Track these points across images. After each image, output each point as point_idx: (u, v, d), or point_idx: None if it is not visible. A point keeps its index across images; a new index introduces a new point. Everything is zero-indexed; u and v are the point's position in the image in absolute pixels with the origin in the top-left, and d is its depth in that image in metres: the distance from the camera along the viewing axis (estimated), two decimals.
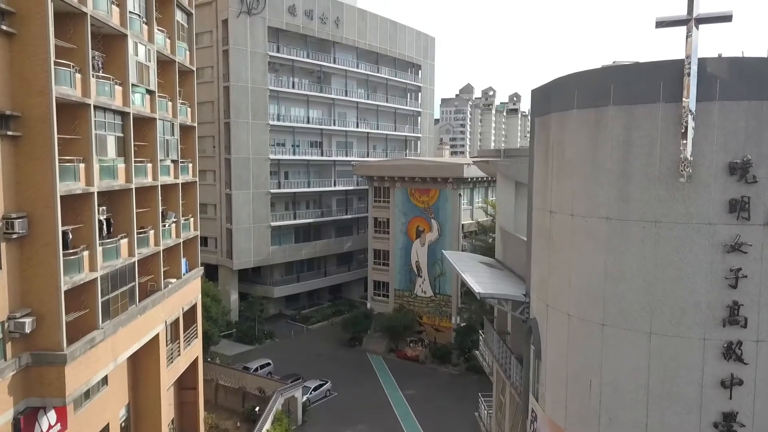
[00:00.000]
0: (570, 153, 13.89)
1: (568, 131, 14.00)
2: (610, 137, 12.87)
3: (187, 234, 30.69)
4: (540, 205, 15.65)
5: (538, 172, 15.93)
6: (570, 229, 13.93)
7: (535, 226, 16.19)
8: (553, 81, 14.87)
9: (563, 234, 14.21)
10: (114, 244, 21.95)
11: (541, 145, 15.57)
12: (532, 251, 16.58)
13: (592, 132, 13.25)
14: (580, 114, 13.60)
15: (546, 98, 15.24)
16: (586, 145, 13.43)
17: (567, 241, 14.06)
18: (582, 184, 13.54)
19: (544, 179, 15.27)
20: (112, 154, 22.20)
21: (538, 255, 15.95)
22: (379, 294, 55.93)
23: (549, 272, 14.97)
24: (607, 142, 12.95)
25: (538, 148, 15.88)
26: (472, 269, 20.66)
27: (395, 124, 73.86)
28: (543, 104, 15.45)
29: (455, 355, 49.55)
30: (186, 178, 30.43)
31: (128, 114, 23.17)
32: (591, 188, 13.31)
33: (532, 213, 16.67)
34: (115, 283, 22.17)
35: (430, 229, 51.84)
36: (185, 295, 30.28)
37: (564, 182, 14.16)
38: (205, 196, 58.22)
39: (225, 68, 54.90)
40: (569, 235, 13.97)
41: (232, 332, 54.94)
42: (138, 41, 24.13)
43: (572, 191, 13.83)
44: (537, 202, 15.95)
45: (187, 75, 31.67)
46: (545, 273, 15.21)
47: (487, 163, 24.73)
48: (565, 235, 14.11)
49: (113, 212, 23.05)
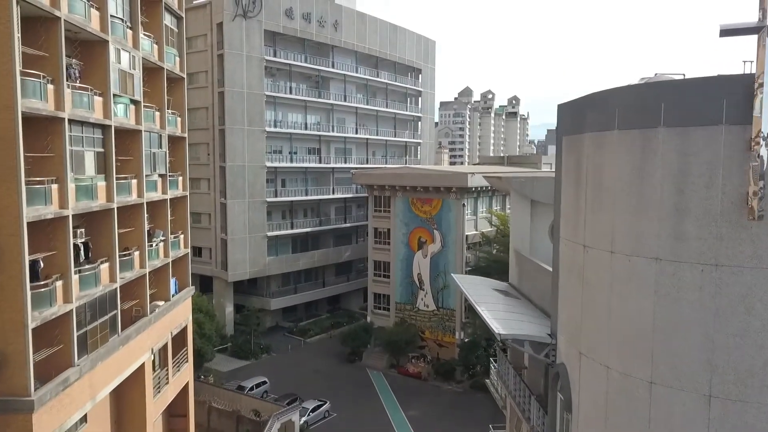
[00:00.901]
0: (609, 181, 11.98)
1: (606, 155, 12.10)
2: (661, 165, 10.96)
3: (177, 252, 28.73)
4: (570, 236, 13.74)
5: (567, 198, 14.02)
6: (609, 268, 12.02)
7: (564, 259, 14.28)
8: (587, 96, 12.96)
9: (601, 273, 12.30)
10: (93, 270, 19.97)
11: (572, 169, 13.66)
12: (559, 287, 14.67)
13: (638, 158, 11.34)
14: (622, 136, 11.69)
15: (578, 115, 13.34)
16: (629, 173, 11.52)
17: (605, 281, 12.15)
18: (625, 218, 11.63)
19: (576, 208, 13.36)
20: (90, 171, 20.23)
21: (567, 292, 14.04)
22: (379, 307, 53.96)
23: (582, 315, 13.06)
24: (656, 170, 11.04)
25: (568, 172, 13.97)
26: (487, 299, 18.75)
27: (395, 130, 72.00)
28: (573, 122, 13.55)
29: (459, 372, 47.64)
30: (175, 193, 28.48)
31: (109, 127, 21.22)
32: (636, 223, 11.40)
33: (558, 244, 14.77)
34: (94, 314, 20.20)
35: (433, 240, 49.91)
36: (175, 317, 28.30)
37: (602, 214, 12.25)
38: (199, 206, 56.37)
39: (220, 73, 52.97)
40: (608, 276, 12.06)
41: (227, 347, 52.96)
42: (121, 48, 22.19)
43: (612, 225, 11.92)
44: (566, 232, 14.04)
45: (177, 82, 29.74)
46: (577, 315, 13.30)
47: (500, 180, 22.84)
48: (603, 275, 12.20)
49: (92, 235, 21.07)
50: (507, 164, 64.44)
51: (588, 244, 12.74)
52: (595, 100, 12.63)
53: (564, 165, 14.20)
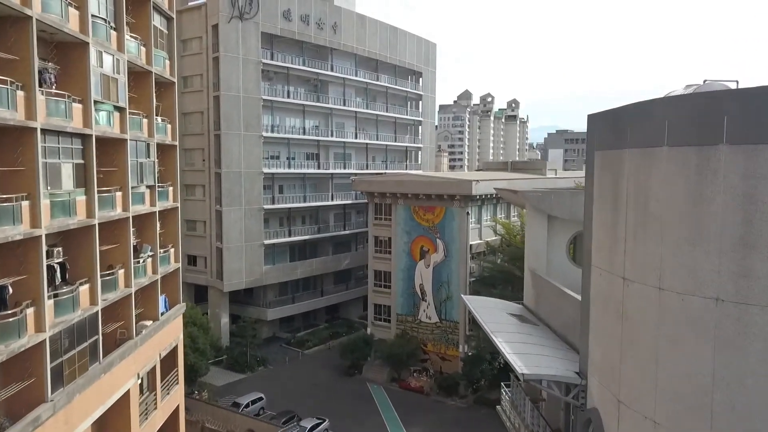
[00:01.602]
0: (657, 205, 10.30)
1: (653, 175, 10.42)
2: (723, 189, 9.29)
3: (167, 268, 26.97)
4: (605, 265, 12.05)
5: (601, 222, 12.34)
6: (656, 307, 10.33)
7: (597, 290, 12.60)
8: (628, 107, 11.27)
9: (645, 312, 10.62)
10: (70, 294, 18.22)
11: (608, 189, 11.98)
12: (590, 320, 12.98)
13: (693, 180, 9.67)
14: (673, 153, 10.01)
15: (616, 128, 11.66)
16: (683, 197, 9.84)
17: (651, 321, 10.47)
18: (677, 249, 9.94)
19: (613, 234, 11.67)
20: (68, 185, 18.51)
21: (601, 328, 12.36)
22: (380, 318, 52.15)
23: (621, 358, 11.36)
24: (716, 194, 9.37)
25: (602, 192, 12.29)
26: (503, 327, 17.05)
27: (395, 135, 70.29)
28: (610, 135, 11.86)
29: (463, 387, 45.89)
30: (165, 205, 26.73)
31: (90, 136, 19.50)
32: (691, 256, 9.72)
33: (589, 271, 13.09)
34: (72, 341, 18.45)
35: (436, 249, 48.18)
36: (164, 337, 26.54)
37: (647, 243, 10.56)
38: (194, 213, 54.66)
39: (215, 76, 51.24)
40: (655, 315, 10.38)
41: (222, 359, 51.14)
42: (103, 50, 20.48)
43: (660, 257, 10.24)
44: (600, 260, 12.35)
45: (168, 87, 28.03)
46: (614, 356, 11.60)
47: (515, 193, 21.17)
48: (649, 315, 10.51)
49: (71, 254, 19.33)
50: (511, 170, 62.70)
51: (629, 276, 11.05)
52: (639, 111, 10.94)
53: (597, 183, 12.52)
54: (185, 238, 55.31)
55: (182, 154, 55.50)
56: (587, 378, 13.07)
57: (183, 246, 53.57)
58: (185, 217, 55.02)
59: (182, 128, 54.60)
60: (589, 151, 13.00)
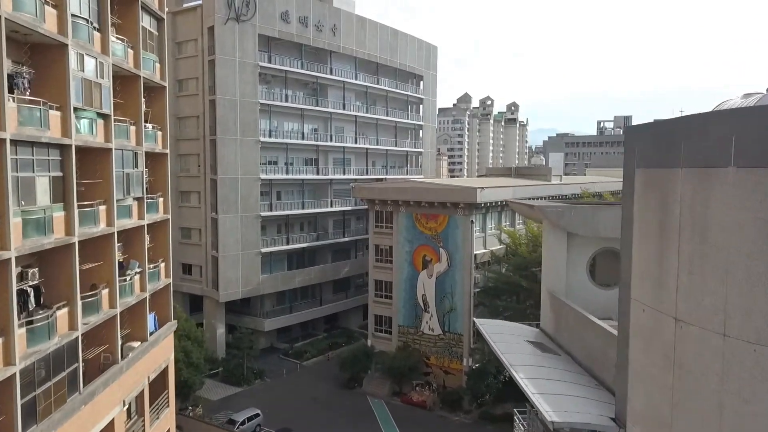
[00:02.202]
0: (721, 235, 8.72)
1: (715, 200, 8.84)
2: None
3: (156, 284, 25.31)
4: (650, 301, 10.46)
5: (644, 250, 10.75)
6: (720, 357, 8.74)
7: (638, 328, 11.00)
8: (683, 118, 9.71)
9: (706, 361, 9.02)
10: (46, 320, 16.57)
11: (653, 212, 10.40)
12: (630, 360, 11.38)
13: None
14: (741, 176, 8.44)
15: (665, 143, 10.07)
16: (754, 228, 8.26)
17: (713, 374, 8.87)
18: (747, 290, 8.36)
19: (661, 265, 10.08)
20: (44, 200, 16.87)
21: (644, 373, 10.75)
22: (380, 330, 50.46)
23: (672, 409, 9.76)
24: None
25: (646, 215, 10.70)
26: (523, 358, 15.46)
27: (396, 139, 68.77)
28: (658, 150, 10.28)
29: (467, 401, 44.23)
30: (154, 217, 25.08)
31: (69, 147, 17.87)
32: (766, 299, 8.14)
33: (628, 305, 11.49)
34: (47, 372, 16.80)
35: (439, 258, 46.55)
36: (153, 359, 24.88)
37: (708, 280, 8.98)
38: (189, 220, 53.05)
39: (211, 80, 49.62)
40: (718, 366, 8.78)
41: (217, 371, 49.43)
42: (85, 53, 18.87)
43: (725, 297, 8.65)
44: (643, 294, 10.76)
45: (158, 92, 26.43)
46: (663, 408, 10.00)
47: (532, 208, 19.60)
48: (711, 365, 8.92)
49: (48, 275, 17.69)
50: (515, 176, 61.14)
51: (683, 318, 9.46)
52: (696, 125, 9.36)
53: (639, 205, 10.93)
54: (180, 247, 53.80)
55: (177, 160, 53.99)
56: (626, 427, 11.48)
57: (178, 254, 52.38)
58: (180, 225, 53.50)
59: (177, 133, 53.12)
60: (628, 167, 11.42)
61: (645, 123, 10.97)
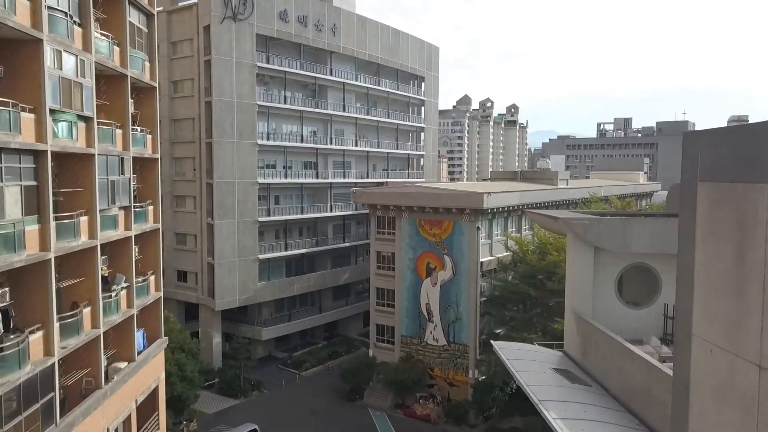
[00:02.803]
0: None
1: None
2: None
3: (145, 299, 23.57)
4: (721, 341, 8.72)
5: (713, 280, 9.03)
6: None
7: (704, 372, 9.27)
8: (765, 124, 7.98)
9: None
10: (16, 347, 14.83)
11: (726, 236, 8.67)
12: (691, 407, 9.65)
13: None
14: None
15: (742, 153, 8.35)
16: None
17: None
18: None
19: (738, 300, 8.36)
20: (14, 213, 15.13)
21: (714, 425, 9.03)
22: (382, 340, 48.70)
23: None
24: None
25: (713, 238, 8.99)
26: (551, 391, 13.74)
27: (397, 141, 67.08)
28: (734, 162, 8.56)
29: (473, 415, 42.55)
30: (143, 227, 23.34)
31: (44, 153, 16.15)
32: None
33: (688, 343, 9.76)
34: (18, 405, 15.05)
35: (443, 266, 44.84)
36: (141, 380, 23.13)
37: None
38: (185, 226, 51.29)
39: (207, 81, 47.89)
40: None
41: (214, 382, 47.63)
42: (64, 49, 17.16)
43: None
44: (709, 332, 9.03)
45: (148, 93, 24.71)
46: None
47: (556, 220, 17.88)
48: None
49: (20, 295, 15.95)
50: (520, 180, 59.50)
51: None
52: None
53: (705, 226, 9.21)
54: (175, 253, 52.09)
55: (172, 164, 52.26)
56: None
57: (173, 261, 50.69)
58: (175, 231, 51.77)
59: (172, 136, 51.39)
60: (687, 180, 9.70)
61: (713, 129, 9.27)
